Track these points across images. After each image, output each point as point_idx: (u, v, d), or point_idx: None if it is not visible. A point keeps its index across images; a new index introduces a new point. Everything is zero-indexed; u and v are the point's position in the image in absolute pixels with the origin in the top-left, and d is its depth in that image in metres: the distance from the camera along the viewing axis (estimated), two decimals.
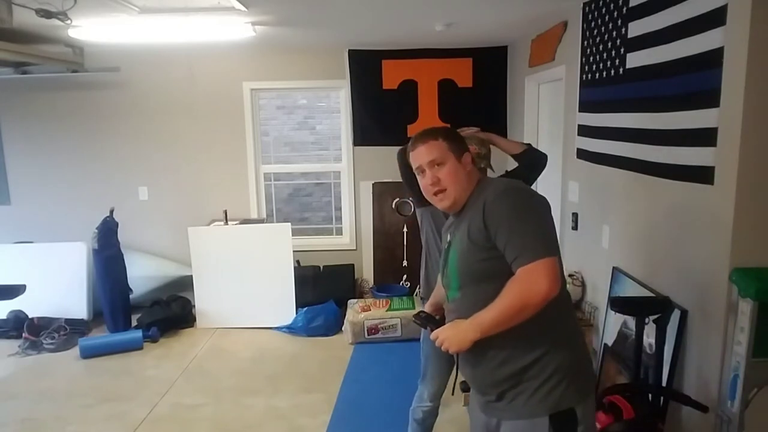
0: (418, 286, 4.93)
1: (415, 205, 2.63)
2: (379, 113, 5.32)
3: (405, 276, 5.44)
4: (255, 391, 3.76)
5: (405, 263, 5.44)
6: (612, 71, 2.99)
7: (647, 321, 2.45)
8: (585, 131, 3.39)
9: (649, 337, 2.50)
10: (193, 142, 5.41)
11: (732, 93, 2.03)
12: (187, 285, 4.98)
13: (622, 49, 2.87)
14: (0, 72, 4.93)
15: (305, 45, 5.01)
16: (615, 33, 2.94)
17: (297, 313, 4.79)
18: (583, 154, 3.44)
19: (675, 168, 2.41)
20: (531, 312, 1.52)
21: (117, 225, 4.77)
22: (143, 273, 5.02)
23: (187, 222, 5.06)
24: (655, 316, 2.45)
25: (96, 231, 4.67)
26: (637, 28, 2.70)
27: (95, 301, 4.92)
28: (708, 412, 2.19)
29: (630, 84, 2.81)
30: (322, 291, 5.05)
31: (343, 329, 4.60)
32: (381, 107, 5.31)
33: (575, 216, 3.67)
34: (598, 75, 3.18)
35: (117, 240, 4.75)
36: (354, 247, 5.61)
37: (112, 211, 4.78)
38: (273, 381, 3.91)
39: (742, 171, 2.02)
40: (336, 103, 5.60)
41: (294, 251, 4.92)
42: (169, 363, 4.21)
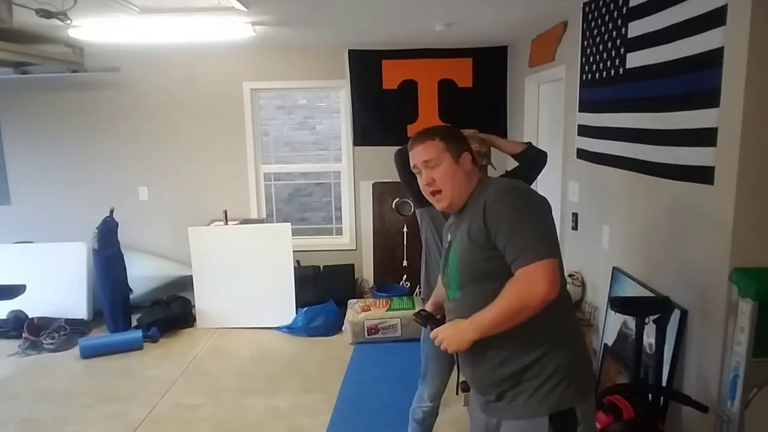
0: (418, 286, 4.93)
1: (415, 206, 2.62)
2: (379, 113, 5.31)
3: (405, 276, 5.44)
4: (255, 391, 3.76)
5: (405, 263, 5.44)
6: (612, 71, 2.99)
7: (647, 321, 2.45)
8: (585, 131, 3.39)
9: (649, 337, 2.50)
10: (193, 142, 5.42)
11: (732, 93, 2.03)
12: (187, 285, 4.98)
13: (622, 49, 2.87)
14: (0, 72, 4.92)
15: (305, 45, 5.01)
16: (615, 33, 2.94)
17: (297, 313, 4.79)
18: (583, 154, 3.44)
19: (675, 168, 2.41)
20: (530, 313, 1.52)
21: (117, 225, 4.77)
22: (143, 273, 5.02)
23: (187, 222, 5.07)
24: (655, 316, 2.45)
25: (96, 231, 4.67)
26: (637, 28, 2.70)
27: (95, 301, 4.92)
28: (708, 412, 2.19)
29: (630, 84, 2.81)
30: (322, 291, 5.05)
31: (343, 329, 4.60)
32: (381, 107, 5.31)
33: (575, 216, 3.67)
34: (598, 75, 3.18)
35: (117, 240, 4.75)
36: (354, 247, 5.61)
37: (112, 211, 4.78)
38: (273, 381, 3.91)
39: (742, 171, 2.02)
40: (336, 103, 5.60)
41: (294, 251, 4.92)
42: (169, 363, 4.21)
